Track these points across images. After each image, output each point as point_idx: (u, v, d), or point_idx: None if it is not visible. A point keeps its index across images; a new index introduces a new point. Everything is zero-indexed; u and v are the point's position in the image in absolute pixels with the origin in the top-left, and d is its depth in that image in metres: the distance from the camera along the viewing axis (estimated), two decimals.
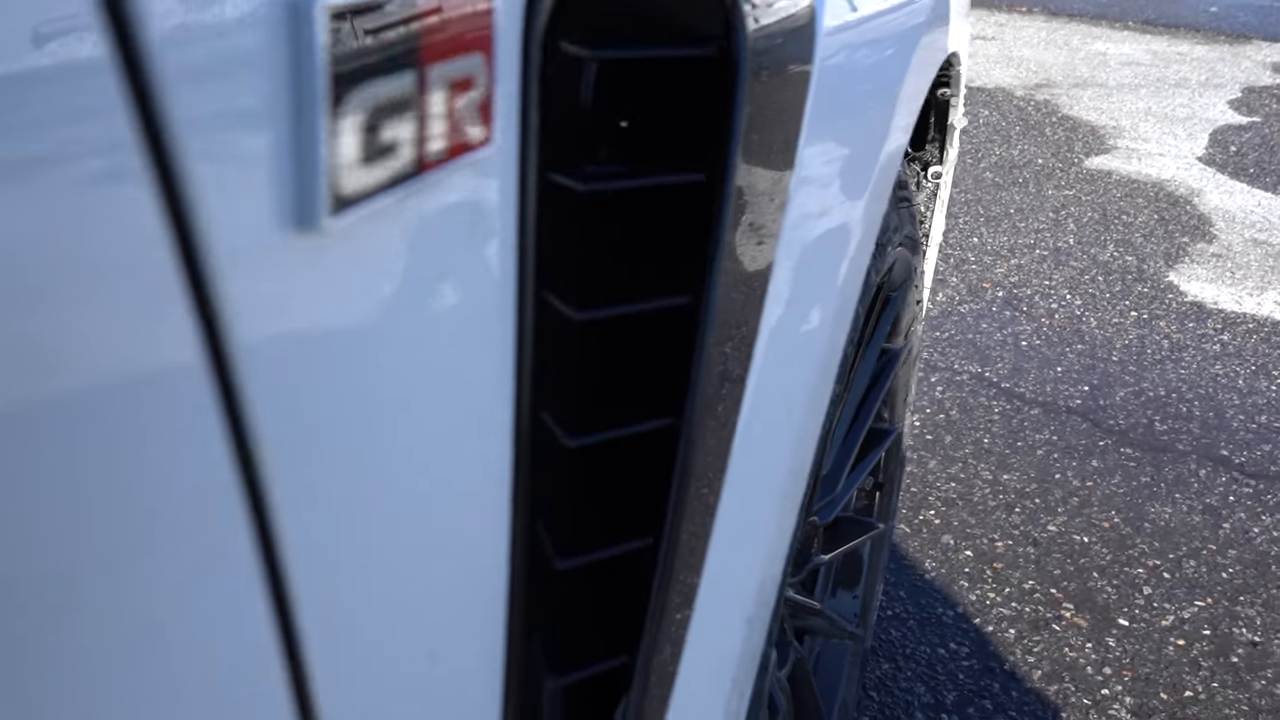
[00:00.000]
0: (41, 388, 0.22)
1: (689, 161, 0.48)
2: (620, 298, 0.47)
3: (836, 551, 1.49)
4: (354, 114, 0.27)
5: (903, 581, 2.12)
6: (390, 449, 0.34)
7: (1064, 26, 7.29)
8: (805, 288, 0.60)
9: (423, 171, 0.31)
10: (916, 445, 2.53)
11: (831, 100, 0.61)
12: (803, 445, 0.64)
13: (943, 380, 2.81)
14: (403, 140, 0.30)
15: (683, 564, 0.50)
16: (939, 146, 1.49)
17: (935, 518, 2.29)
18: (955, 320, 3.13)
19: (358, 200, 0.28)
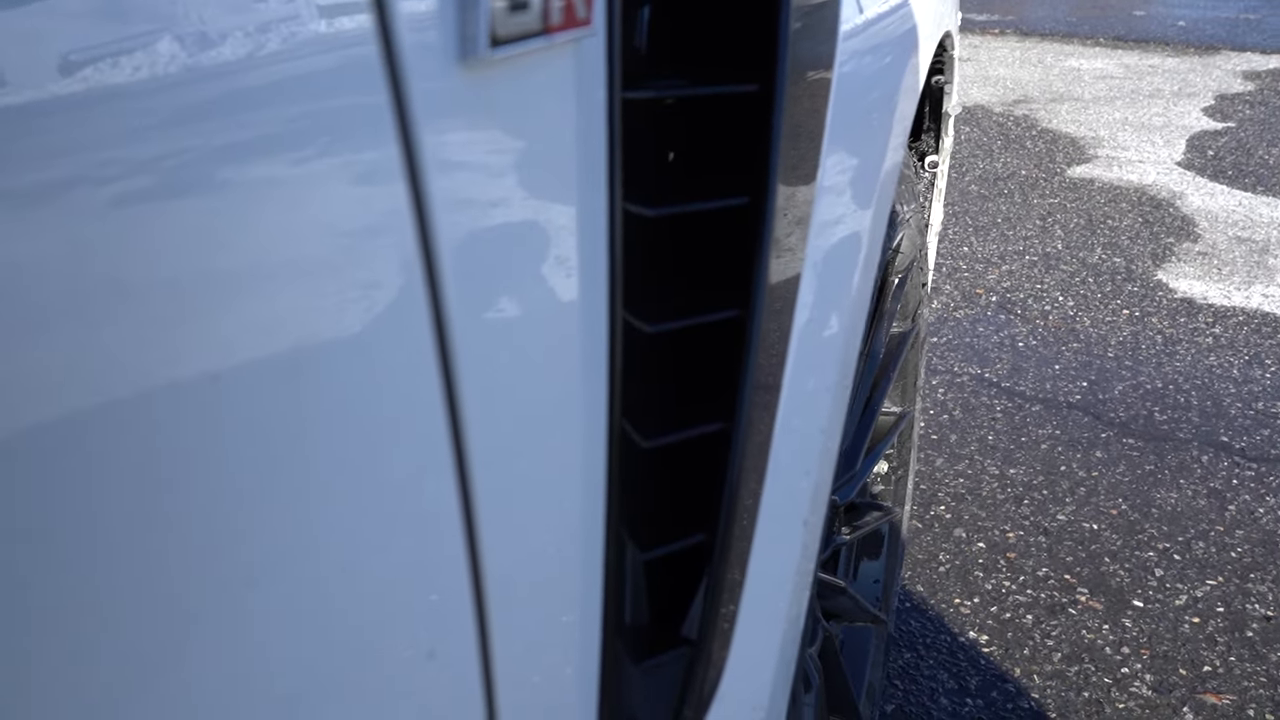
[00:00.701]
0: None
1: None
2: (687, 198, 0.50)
3: (857, 532, 1.52)
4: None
5: (919, 575, 2.14)
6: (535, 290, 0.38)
7: (1036, 46, 7.44)
8: (841, 209, 0.64)
9: (547, 33, 0.35)
10: (923, 445, 2.56)
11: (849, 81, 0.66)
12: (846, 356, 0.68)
13: (944, 382, 2.85)
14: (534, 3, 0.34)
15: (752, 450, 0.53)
16: (934, 136, 1.54)
17: (946, 512, 2.32)
18: (952, 325, 3.18)
19: (507, 42, 0.32)
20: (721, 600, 0.54)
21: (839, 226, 0.66)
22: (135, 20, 0.25)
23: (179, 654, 0.30)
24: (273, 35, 0.28)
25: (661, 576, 0.54)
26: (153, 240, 0.26)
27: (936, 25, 1.05)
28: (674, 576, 0.54)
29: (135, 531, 0.28)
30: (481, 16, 0.30)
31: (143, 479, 0.28)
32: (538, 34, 0.34)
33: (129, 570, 0.28)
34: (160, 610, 0.29)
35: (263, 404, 0.29)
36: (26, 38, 0.23)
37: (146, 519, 0.28)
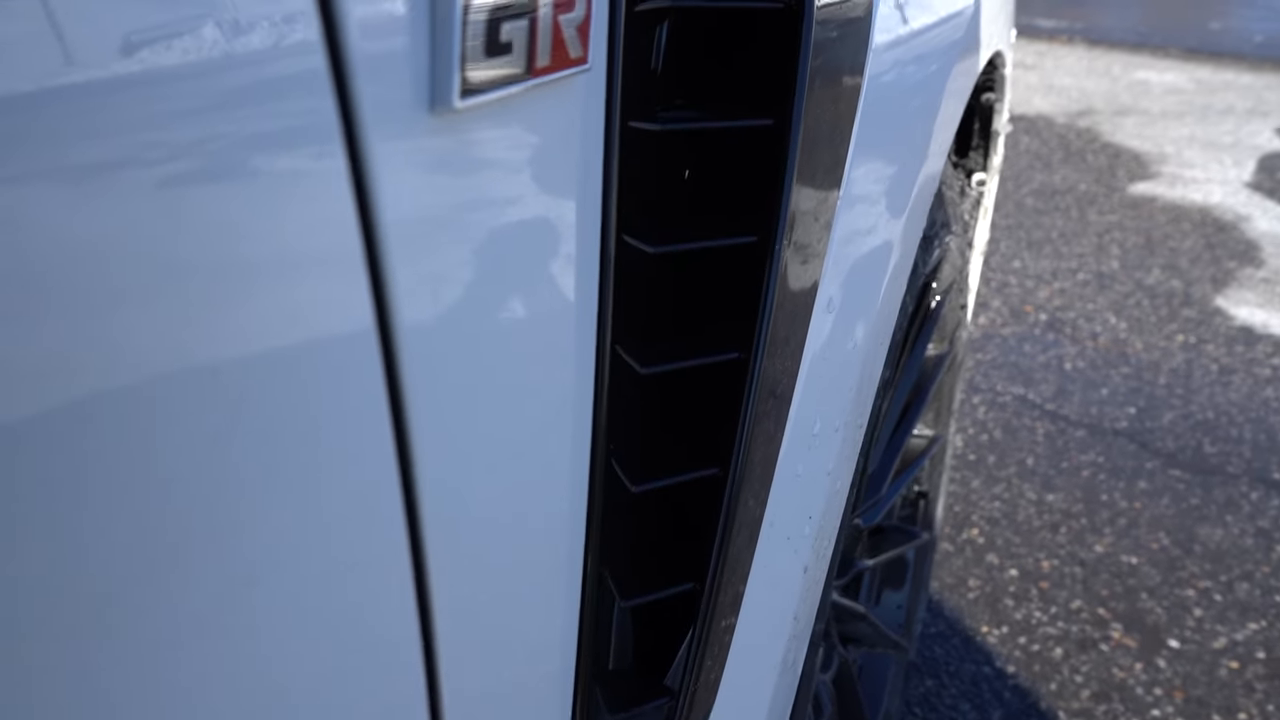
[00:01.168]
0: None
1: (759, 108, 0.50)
2: (691, 236, 0.48)
3: (881, 557, 1.48)
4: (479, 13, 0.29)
5: (947, 600, 2.10)
6: (498, 327, 0.35)
7: (1105, 55, 7.26)
8: (860, 249, 0.61)
9: (533, 75, 0.33)
10: (959, 465, 2.51)
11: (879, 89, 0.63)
12: (859, 398, 0.65)
13: (985, 401, 2.79)
14: (517, 43, 0.32)
15: (748, 496, 0.51)
16: (983, 153, 1.50)
17: (979, 536, 2.26)
18: (997, 343, 3.11)
19: (481, 89, 0.30)
20: (708, 651, 0.51)
21: (860, 255, 0.63)
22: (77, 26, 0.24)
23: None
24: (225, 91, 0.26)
25: (648, 621, 0.52)
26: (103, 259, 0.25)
27: (984, 43, 1.01)
28: (661, 622, 0.52)
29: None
30: (452, 65, 0.28)
31: (76, 499, 0.26)
32: (521, 78, 0.32)
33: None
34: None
35: (195, 473, 0.28)
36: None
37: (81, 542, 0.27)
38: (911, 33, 0.71)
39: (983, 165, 1.51)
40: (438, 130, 0.29)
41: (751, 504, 0.51)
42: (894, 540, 1.57)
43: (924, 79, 0.75)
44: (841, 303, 0.59)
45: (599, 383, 0.43)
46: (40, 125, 0.23)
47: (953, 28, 0.82)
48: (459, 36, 0.28)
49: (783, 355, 0.51)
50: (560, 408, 0.42)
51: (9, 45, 0.22)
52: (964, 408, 2.75)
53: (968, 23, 0.84)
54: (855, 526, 1.38)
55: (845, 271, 0.59)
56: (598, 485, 0.45)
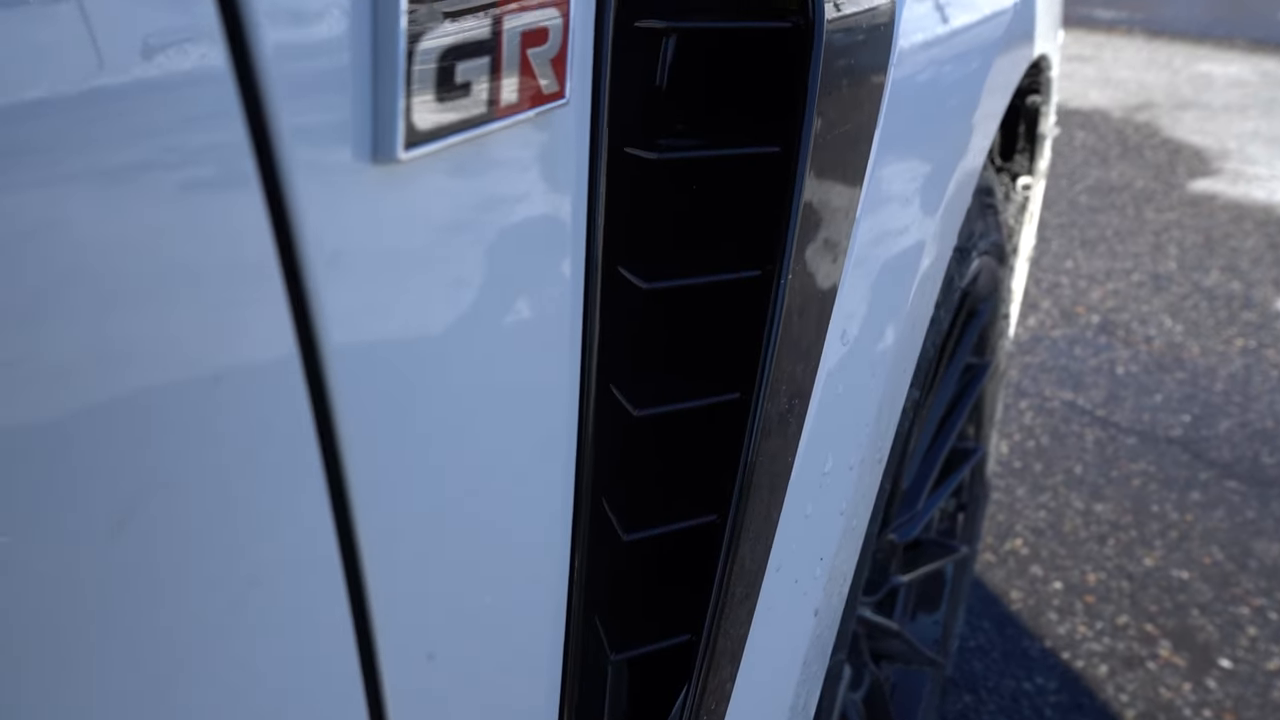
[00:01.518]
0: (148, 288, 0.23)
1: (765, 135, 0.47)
2: (690, 270, 0.45)
3: (916, 573, 1.44)
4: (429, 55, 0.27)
5: (987, 612, 2.04)
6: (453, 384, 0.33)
7: (1166, 47, 7.06)
8: (880, 277, 0.57)
9: (498, 117, 0.31)
10: (1004, 472, 2.45)
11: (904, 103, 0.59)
12: (878, 434, 0.62)
13: (1033, 406, 2.72)
14: (477, 83, 0.30)
15: (749, 543, 0.48)
16: (1029, 157, 1.44)
17: (1023, 547, 2.21)
18: (1047, 345, 3.03)
19: (431, 137, 0.28)
20: (705, 705, 0.49)
21: (880, 281, 0.60)
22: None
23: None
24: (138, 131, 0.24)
25: (645, 671, 0.49)
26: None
27: (1025, 47, 0.97)
28: (658, 672, 0.49)
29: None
30: (395, 112, 0.26)
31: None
32: (484, 119, 0.30)
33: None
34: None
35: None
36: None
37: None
38: (942, 40, 0.68)
39: (1028, 169, 1.46)
40: (383, 182, 0.27)
41: (753, 550, 0.48)
42: (931, 554, 1.53)
43: (956, 88, 0.71)
44: (859, 333, 0.56)
45: (584, 424, 0.40)
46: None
47: (989, 33, 0.78)
48: (402, 80, 0.25)
49: (789, 393, 0.48)
50: (543, 451, 0.40)
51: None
52: (1010, 413, 2.68)
53: (1006, 27, 0.80)
54: (889, 542, 1.34)
55: (862, 301, 0.56)
56: (582, 531, 0.42)
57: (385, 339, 0.29)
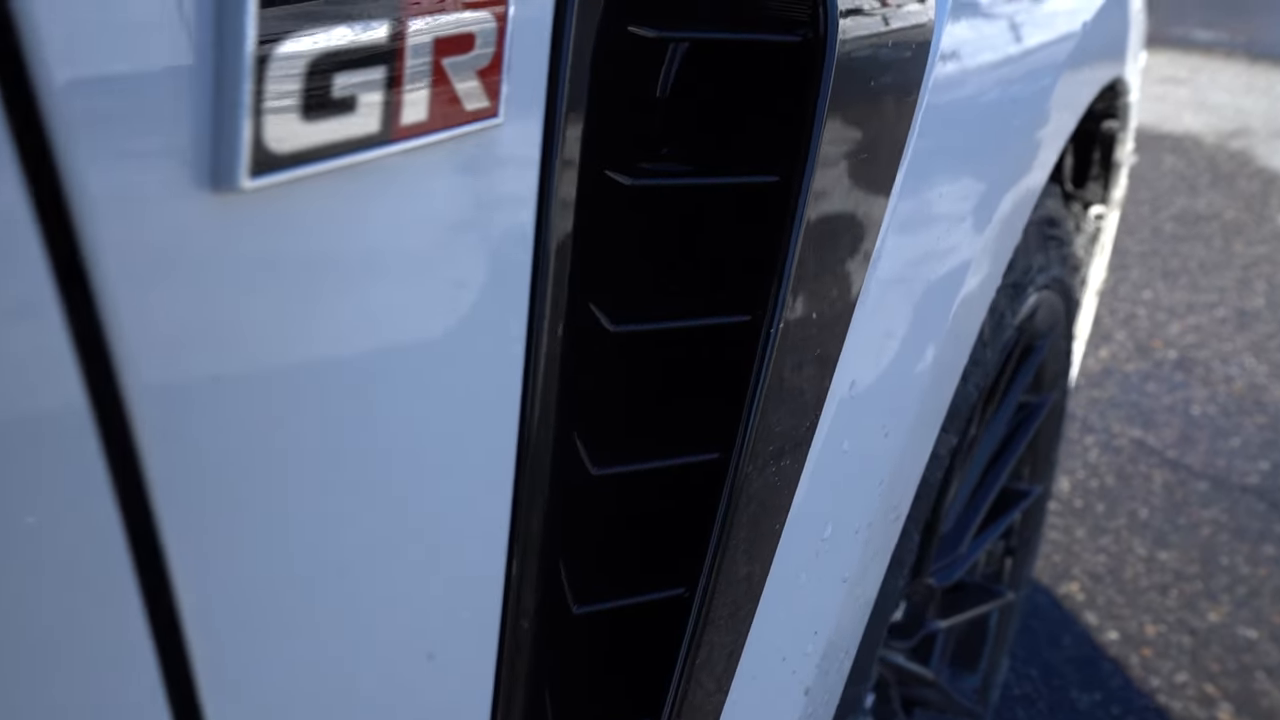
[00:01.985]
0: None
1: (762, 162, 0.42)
2: (660, 312, 0.40)
3: (955, 618, 1.36)
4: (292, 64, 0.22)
5: (1035, 659, 1.94)
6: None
7: (1268, 71, 6.76)
8: (899, 324, 0.52)
9: (396, 138, 0.26)
10: (1063, 511, 2.34)
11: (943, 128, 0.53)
12: (893, 493, 0.56)
13: (1099, 443, 2.59)
14: (368, 99, 0.25)
15: (723, 620, 0.43)
16: (1103, 184, 1.36)
17: (1079, 592, 2.10)
18: (1118, 380, 2.90)
19: (293, 162, 0.23)
20: None
21: (901, 326, 0.54)
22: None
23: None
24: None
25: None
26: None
27: (1097, 69, 0.89)
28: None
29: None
30: (237, 132, 0.21)
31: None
32: (375, 141, 0.25)
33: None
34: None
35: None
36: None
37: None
38: (993, 62, 0.62)
39: (1102, 197, 1.37)
40: (226, 215, 0.22)
41: (729, 626, 0.43)
42: (975, 599, 1.45)
43: (1009, 113, 0.65)
44: (871, 386, 0.50)
45: (526, 482, 0.36)
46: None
47: (1050, 56, 0.71)
48: (247, 94, 0.21)
49: (777, 454, 0.43)
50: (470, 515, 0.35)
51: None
52: (1074, 448, 2.57)
53: (1071, 50, 0.73)
54: (927, 586, 1.27)
55: (878, 351, 0.50)
56: (523, 602, 0.37)
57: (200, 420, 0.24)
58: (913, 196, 0.51)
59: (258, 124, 0.22)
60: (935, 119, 0.53)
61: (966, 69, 0.56)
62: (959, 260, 0.55)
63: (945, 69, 0.54)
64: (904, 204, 0.50)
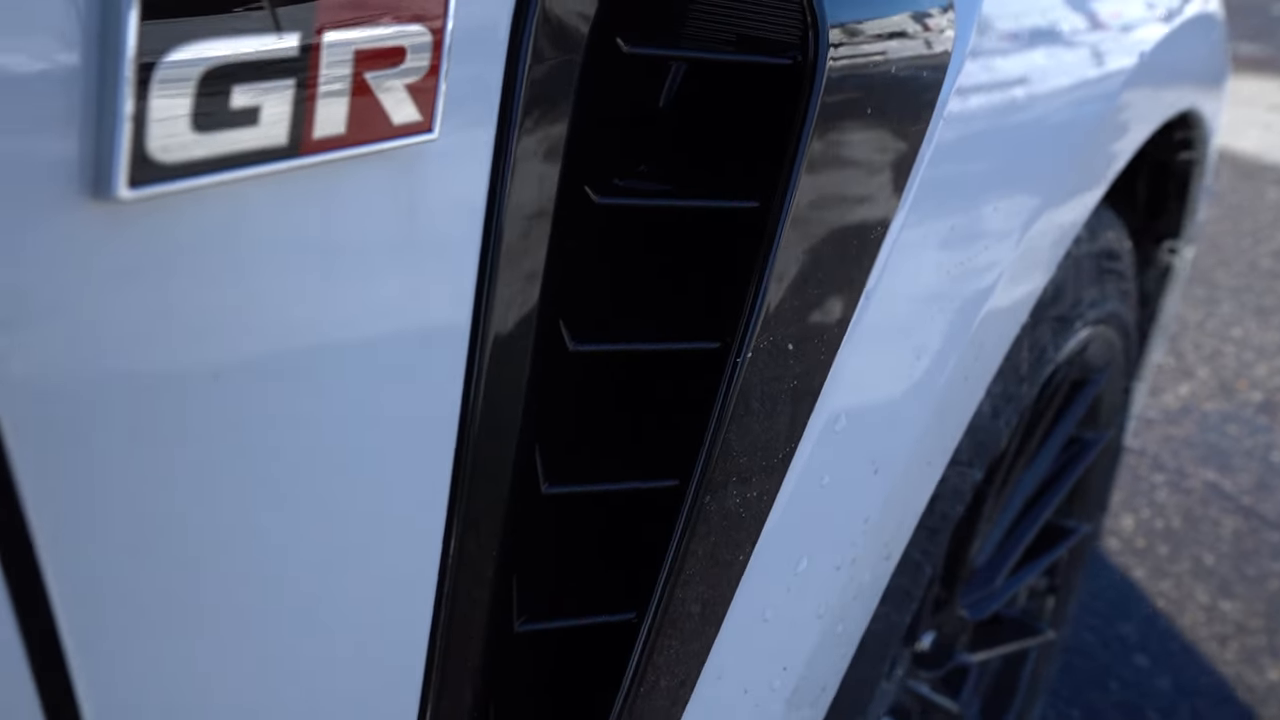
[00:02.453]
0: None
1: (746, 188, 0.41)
2: (625, 333, 0.40)
3: (987, 653, 1.33)
4: (182, 71, 0.22)
5: (1079, 698, 1.88)
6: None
7: None
8: (895, 362, 0.50)
9: (305, 152, 0.26)
10: (1124, 550, 2.26)
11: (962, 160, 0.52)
12: (883, 531, 0.54)
13: (1169, 483, 2.50)
14: (273, 110, 0.25)
15: (674, 648, 0.42)
16: (1177, 217, 1.31)
17: (1132, 634, 2.02)
18: (1196, 418, 2.79)
19: (182, 173, 0.23)
20: None
21: (900, 359, 0.53)
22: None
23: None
24: None
25: None
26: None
27: (1161, 101, 0.85)
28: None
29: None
30: (115, 139, 0.21)
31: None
32: (280, 154, 0.25)
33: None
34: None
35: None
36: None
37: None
38: (1025, 94, 0.59)
39: (1176, 230, 1.32)
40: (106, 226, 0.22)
41: (680, 653, 0.42)
42: (1011, 634, 1.41)
43: (1040, 147, 0.63)
44: (860, 421, 0.49)
45: (465, 497, 0.35)
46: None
47: (1096, 86, 0.68)
48: (125, 103, 0.21)
49: (741, 485, 0.42)
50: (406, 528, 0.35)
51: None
52: (1143, 486, 2.48)
53: (1125, 80, 0.70)
54: (959, 618, 1.24)
55: (867, 384, 0.49)
56: (458, 614, 0.37)
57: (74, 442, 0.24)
58: (919, 228, 0.49)
59: (140, 133, 0.22)
60: (952, 150, 0.51)
61: (990, 103, 0.54)
62: (967, 300, 0.54)
63: (965, 101, 0.52)
64: (908, 235, 0.48)
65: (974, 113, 0.53)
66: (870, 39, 0.42)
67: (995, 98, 0.55)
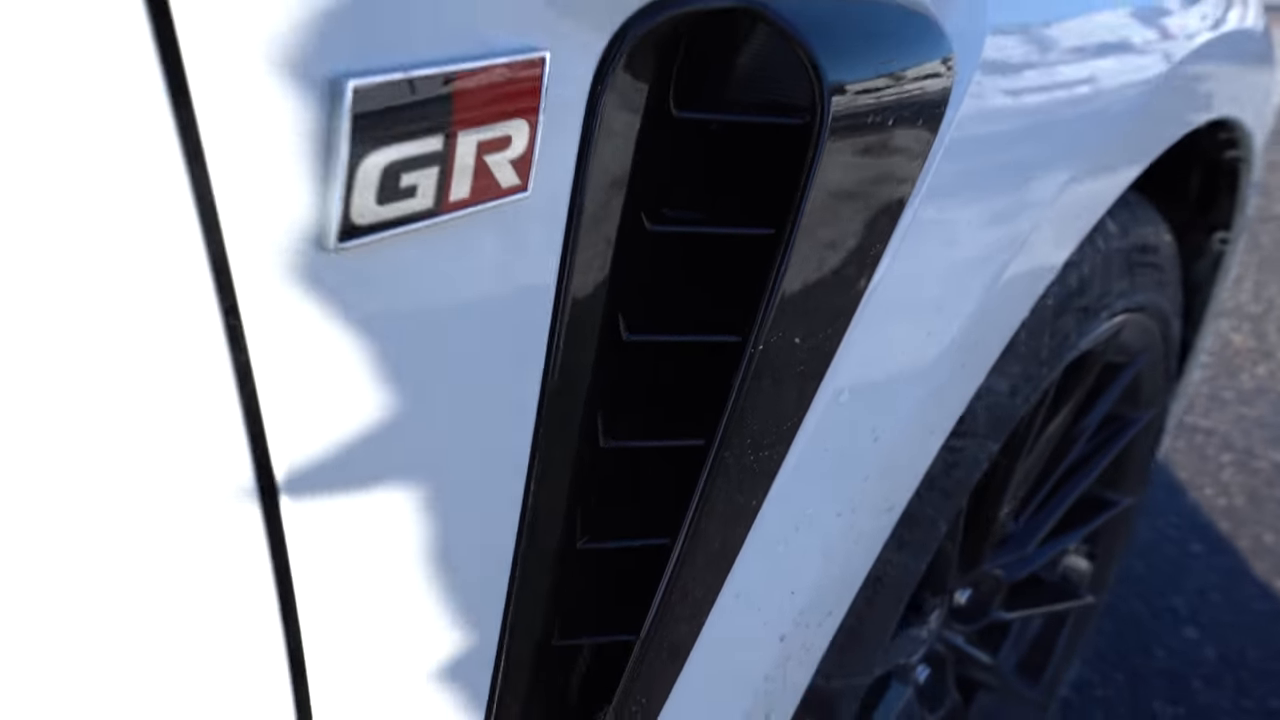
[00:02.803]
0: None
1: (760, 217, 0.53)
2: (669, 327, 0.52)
3: (1021, 612, 1.43)
4: (375, 161, 0.36)
5: (1124, 664, 1.96)
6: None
7: None
8: (891, 356, 0.62)
9: (444, 211, 0.39)
10: (1185, 525, 2.31)
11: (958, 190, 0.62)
12: (882, 487, 0.66)
13: (1236, 462, 2.52)
14: (425, 185, 0.38)
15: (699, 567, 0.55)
16: (1228, 210, 1.37)
17: (1183, 607, 2.09)
18: (1271, 400, 2.79)
19: (370, 231, 0.37)
20: (637, 693, 0.56)
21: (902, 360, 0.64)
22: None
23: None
24: None
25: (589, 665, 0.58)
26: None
27: (1188, 111, 0.93)
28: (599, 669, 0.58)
29: None
30: (331, 212, 0.35)
31: None
32: (429, 214, 0.38)
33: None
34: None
35: None
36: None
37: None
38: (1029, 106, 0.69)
39: (1228, 222, 1.38)
40: (329, 265, 0.36)
41: (703, 572, 0.55)
42: (1049, 597, 1.51)
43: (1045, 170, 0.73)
44: (861, 396, 0.60)
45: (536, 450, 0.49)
46: None
47: (1107, 99, 0.77)
48: (339, 188, 0.34)
49: (756, 446, 0.54)
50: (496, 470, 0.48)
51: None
52: (1209, 465, 2.51)
53: (1149, 92, 0.79)
54: (995, 578, 1.34)
55: (868, 370, 0.60)
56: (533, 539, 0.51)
57: (322, 414, 0.39)
58: (911, 259, 0.60)
59: (346, 206, 0.35)
60: (946, 188, 0.62)
61: (985, 143, 0.64)
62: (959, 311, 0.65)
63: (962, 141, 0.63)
64: (899, 267, 0.60)
65: (971, 151, 0.63)
66: (870, 93, 0.53)
67: (991, 139, 0.65)
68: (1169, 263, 1.20)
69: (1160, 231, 1.17)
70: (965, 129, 0.63)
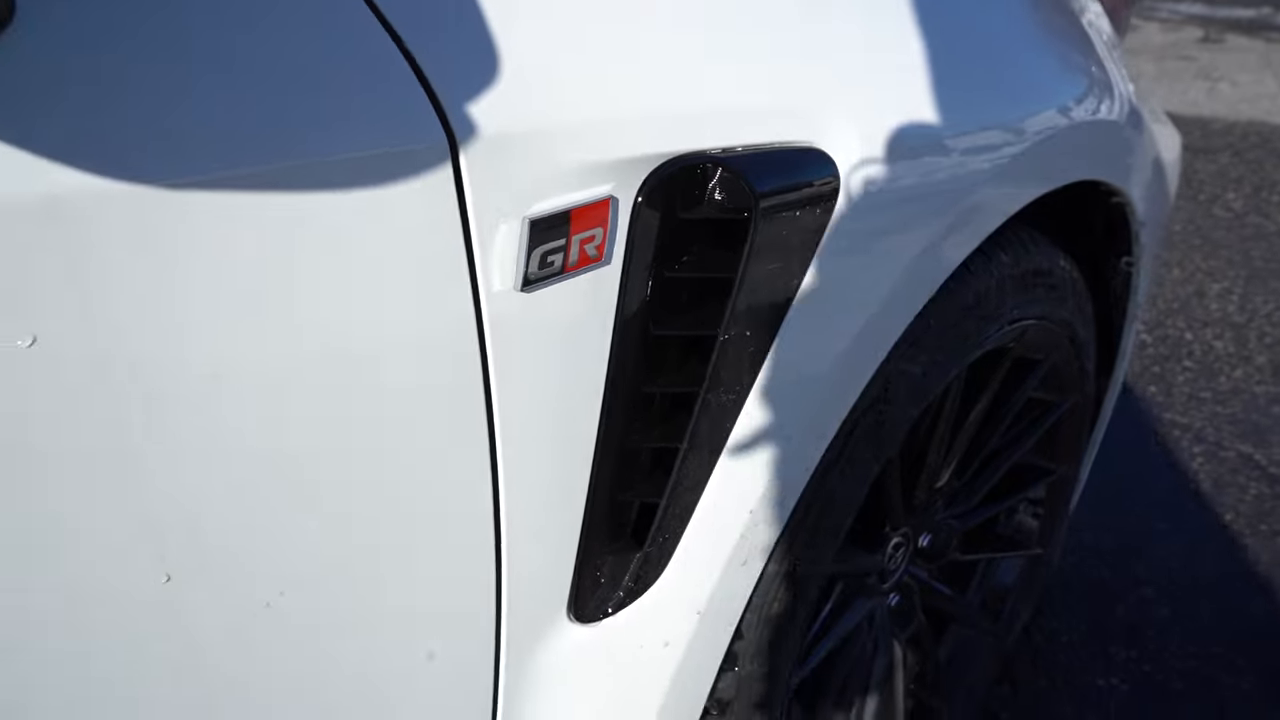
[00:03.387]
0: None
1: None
2: (678, 326, 0.98)
3: (974, 556, 1.84)
4: (540, 246, 0.82)
5: (1088, 617, 2.34)
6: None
7: None
8: (805, 348, 1.06)
9: (566, 271, 0.85)
10: (1153, 506, 2.67)
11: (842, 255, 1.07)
12: (815, 422, 1.11)
13: (1205, 454, 2.88)
14: (553, 258, 0.84)
15: (696, 464, 1.00)
16: (1127, 240, 1.78)
17: (1143, 572, 2.46)
18: (1244, 399, 3.14)
19: (539, 281, 0.83)
20: (671, 515, 1.02)
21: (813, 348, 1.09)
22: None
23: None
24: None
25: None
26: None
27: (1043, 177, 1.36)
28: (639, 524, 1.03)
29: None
30: (518, 273, 0.81)
31: None
32: (559, 274, 0.84)
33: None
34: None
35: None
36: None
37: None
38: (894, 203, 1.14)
39: (1128, 250, 1.80)
40: (514, 302, 0.82)
41: (699, 468, 1.00)
42: (1001, 545, 1.92)
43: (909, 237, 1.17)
44: (794, 365, 1.05)
45: (605, 399, 0.94)
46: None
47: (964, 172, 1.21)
48: (523, 263, 0.80)
49: (728, 391, 0.99)
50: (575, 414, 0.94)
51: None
52: (1183, 456, 2.87)
53: (1008, 161, 1.23)
54: (949, 526, 1.76)
55: (795, 350, 1.05)
56: (607, 445, 0.97)
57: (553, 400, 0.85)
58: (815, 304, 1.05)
59: (526, 269, 0.81)
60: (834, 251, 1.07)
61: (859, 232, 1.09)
62: (858, 310, 1.10)
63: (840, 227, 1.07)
64: (805, 297, 1.04)
65: (850, 232, 1.08)
66: (785, 196, 0.98)
67: (862, 225, 1.09)
68: (1064, 283, 1.62)
69: (1055, 259, 1.59)
70: (840, 222, 1.07)
